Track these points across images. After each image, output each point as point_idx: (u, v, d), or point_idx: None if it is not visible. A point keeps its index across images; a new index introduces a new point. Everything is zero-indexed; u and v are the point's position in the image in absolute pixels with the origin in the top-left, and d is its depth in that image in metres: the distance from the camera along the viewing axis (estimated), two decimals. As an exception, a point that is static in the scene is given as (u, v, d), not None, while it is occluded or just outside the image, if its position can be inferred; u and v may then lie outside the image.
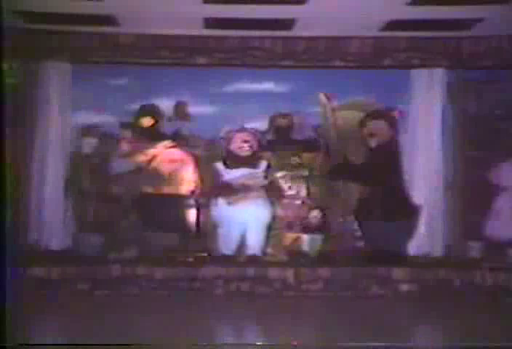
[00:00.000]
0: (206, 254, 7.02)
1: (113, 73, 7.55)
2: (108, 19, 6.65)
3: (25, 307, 5.48)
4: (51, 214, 7.16)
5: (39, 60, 7.17)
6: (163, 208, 7.02)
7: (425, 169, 7.20)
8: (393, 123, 7.19)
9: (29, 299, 6.04)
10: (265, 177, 7.08)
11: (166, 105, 7.54)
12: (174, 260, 6.84)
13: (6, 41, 6.66)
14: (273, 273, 6.63)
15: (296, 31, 6.97)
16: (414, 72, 7.28)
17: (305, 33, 7.02)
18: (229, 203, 6.89)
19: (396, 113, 7.25)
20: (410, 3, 6.13)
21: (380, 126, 7.09)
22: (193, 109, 7.65)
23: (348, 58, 7.22)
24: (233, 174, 6.99)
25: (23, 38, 6.89)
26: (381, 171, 6.91)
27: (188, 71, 7.43)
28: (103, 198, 7.16)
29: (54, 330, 5.54)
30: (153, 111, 7.38)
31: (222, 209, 6.94)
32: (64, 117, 7.24)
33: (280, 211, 7.11)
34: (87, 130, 7.41)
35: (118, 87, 7.64)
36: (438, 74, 7.25)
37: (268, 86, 7.80)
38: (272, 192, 7.09)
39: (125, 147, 7.26)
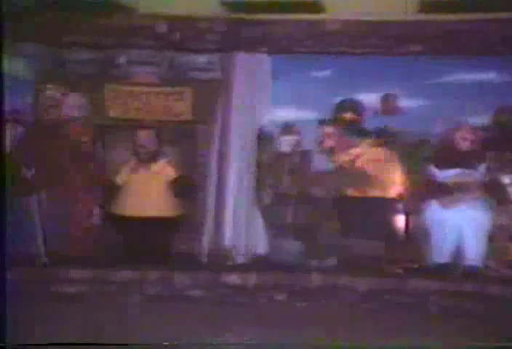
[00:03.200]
0: (416, 265, 6.63)
1: (317, 64, 7.29)
2: (314, 6, 6.44)
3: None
4: (240, 219, 6.92)
5: (236, 52, 6.99)
6: (367, 212, 6.70)
7: None
8: None
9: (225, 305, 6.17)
10: (484, 177, 6.58)
11: (373, 98, 7.35)
12: (380, 271, 6.56)
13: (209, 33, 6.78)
14: (495, 290, 6.08)
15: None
16: None
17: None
18: (443, 206, 6.44)
19: None
20: None
21: None
22: (403, 103, 7.41)
23: None
24: (446, 175, 6.58)
25: (221, 30, 6.84)
26: None
27: (398, 60, 7.00)
28: (302, 200, 6.93)
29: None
30: (354, 106, 7.21)
31: (434, 212, 6.54)
32: (262, 112, 7.05)
33: (503, 220, 6.46)
34: (286, 126, 7.24)
35: (322, 79, 7.48)
36: None
37: (491, 76, 7.26)
38: (493, 193, 6.52)
39: (326, 145, 7.03)
